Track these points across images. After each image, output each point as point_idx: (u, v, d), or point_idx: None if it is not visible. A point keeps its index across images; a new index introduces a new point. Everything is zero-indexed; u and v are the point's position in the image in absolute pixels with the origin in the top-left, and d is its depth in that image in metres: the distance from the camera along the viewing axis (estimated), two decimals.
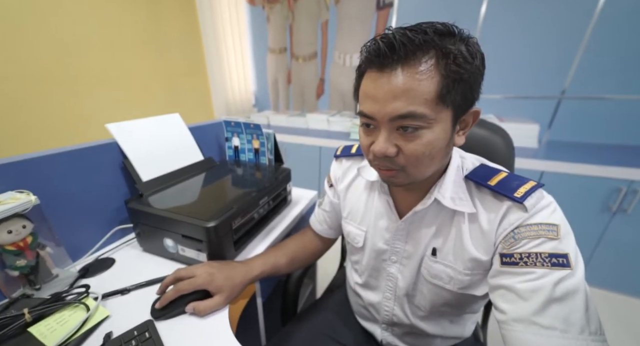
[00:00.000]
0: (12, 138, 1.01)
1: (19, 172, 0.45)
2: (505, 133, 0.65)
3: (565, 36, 1.38)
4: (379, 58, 0.31)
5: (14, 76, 1.01)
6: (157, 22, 1.57)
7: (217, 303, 0.44)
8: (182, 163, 0.70)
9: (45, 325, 0.40)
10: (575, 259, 0.32)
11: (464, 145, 0.62)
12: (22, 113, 1.04)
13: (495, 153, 0.64)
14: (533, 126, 1.45)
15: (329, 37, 2.04)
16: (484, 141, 0.64)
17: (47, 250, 0.48)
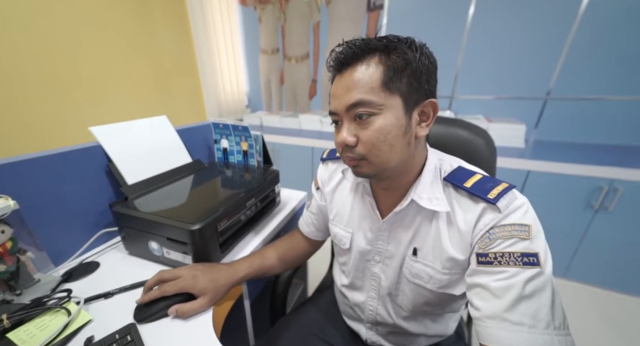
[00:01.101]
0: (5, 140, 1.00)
1: (3, 176, 0.45)
2: (486, 134, 0.66)
3: (550, 37, 1.42)
4: (338, 65, 0.38)
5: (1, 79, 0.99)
6: (146, 23, 1.56)
7: (201, 305, 0.44)
8: (170, 165, 0.70)
9: (24, 330, 0.40)
10: (544, 257, 0.33)
11: (448, 146, 0.64)
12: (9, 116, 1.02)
13: (478, 155, 0.65)
14: (520, 126, 1.48)
15: (321, 38, 2.05)
16: (466, 143, 0.66)
17: (28, 254, 0.48)
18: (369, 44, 0.36)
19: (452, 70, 1.70)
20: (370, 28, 1.86)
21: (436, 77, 0.39)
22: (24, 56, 1.05)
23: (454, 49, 1.64)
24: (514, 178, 1.33)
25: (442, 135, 0.68)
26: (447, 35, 1.63)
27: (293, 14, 2.08)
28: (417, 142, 0.40)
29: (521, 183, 1.34)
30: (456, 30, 1.60)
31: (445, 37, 1.64)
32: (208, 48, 2.00)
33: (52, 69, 1.14)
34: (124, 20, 1.42)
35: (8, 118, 1.01)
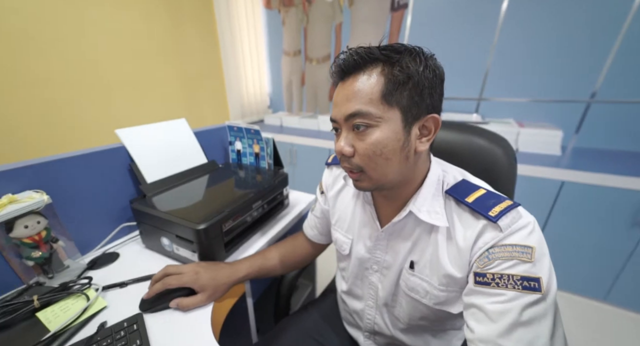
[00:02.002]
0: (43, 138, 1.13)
1: (36, 174, 0.51)
2: (506, 143, 0.62)
3: (597, 35, 1.28)
4: (340, 73, 0.38)
5: (48, 82, 1.12)
6: (177, 30, 1.67)
7: (200, 300, 0.47)
8: (186, 166, 0.75)
9: (51, 311, 0.45)
10: (547, 283, 0.31)
11: (463, 155, 0.60)
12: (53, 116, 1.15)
13: (496, 165, 0.61)
14: (556, 132, 1.35)
15: (343, 39, 2.05)
16: (483, 151, 0.62)
17: (59, 243, 0.54)
18: (372, 54, 0.35)
19: (480, 71, 1.60)
20: (393, 28, 1.82)
21: (441, 91, 0.37)
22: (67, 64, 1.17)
23: (484, 47, 1.54)
24: (546, 188, 1.22)
25: (456, 142, 0.64)
26: (476, 32, 1.54)
27: (315, 15, 2.09)
28: (417, 156, 0.39)
29: (554, 195, 1.23)
30: (487, 27, 1.50)
31: (474, 35, 1.55)
32: (233, 51, 2.09)
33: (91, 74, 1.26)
34: (158, 30, 1.53)
35: (49, 119, 1.14)
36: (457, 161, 0.60)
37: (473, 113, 1.71)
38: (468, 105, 1.71)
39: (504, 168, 0.61)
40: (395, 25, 1.81)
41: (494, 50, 1.52)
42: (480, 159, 0.61)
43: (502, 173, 0.61)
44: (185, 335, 0.43)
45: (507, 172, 0.61)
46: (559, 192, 1.21)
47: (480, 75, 1.61)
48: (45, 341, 0.41)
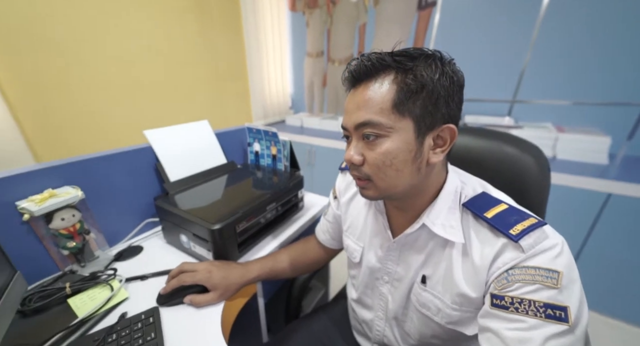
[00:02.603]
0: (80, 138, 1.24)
1: (72, 171, 0.56)
2: (538, 151, 0.57)
3: None
4: (351, 79, 0.37)
5: (86, 85, 1.23)
6: (206, 35, 1.74)
7: (212, 298, 0.49)
8: (206, 165, 0.78)
9: (80, 298, 0.49)
10: (576, 314, 0.27)
11: (489, 163, 0.56)
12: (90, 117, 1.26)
13: (525, 175, 0.56)
14: (602, 139, 1.22)
15: (366, 40, 2.01)
16: (512, 160, 0.57)
17: (91, 235, 0.59)
18: (384, 61, 0.33)
19: (515, 70, 1.49)
20: (420, 28, 1.75)
21: (460, 98, 0.35)
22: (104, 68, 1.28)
23: (521, 44, 1.43)
24: (588, 201, 1.11)
25: (482, 150, 0.60)
26: (512, 29, 1.43)
27: (339, 16, 2.08)
28: (431, 167, 0.37)
29: (597, 209, 1.10)
30: (525, 22, 1.39)
31: (510, 31, 1.44)
32: (258, 53, 2.14)
33: (125, 78, 1.36)
34: (187, 33, 1.61)
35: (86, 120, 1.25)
36: (483, 170, 0.56)
37: (505, 116, 1.59)
38: (500, 107, 1.60)
39: (535, 179, 0.56)
40: (422, 24, 1.75)
41: (532, 47, 1.41)
42: (508, 168, 0.57)
43: (532, 184, 0.56)
44: (196, 331, 0.45)
45: (539, 183, 0.56)
46: (604, 205, 1.09)
47: (515, 75, 1.50)
48: (73, 327, 0.44)
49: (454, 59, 0.35)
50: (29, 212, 0.49)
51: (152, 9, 1.40)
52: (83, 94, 1.22)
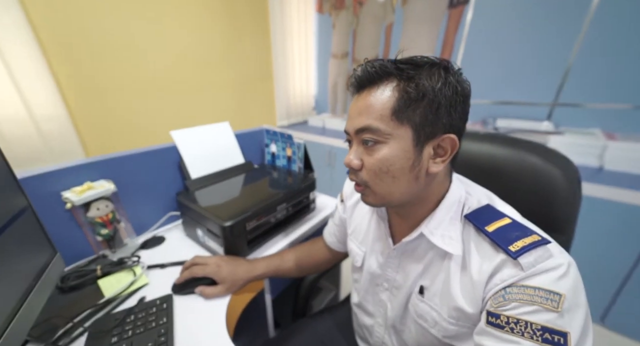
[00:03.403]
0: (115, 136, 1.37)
1: (107, 166, 0.63)
2: (567, 163, 0.52)
3: None
4: (356, 85, 0.37)
5: (128, 88, 1.36)
6: (235, 39, 1.83)
7: (219, 291, 0.52)
8: (225, 165, 0.82)
9: (108, 280, 0.55)
10: (577, 342, 0.25)
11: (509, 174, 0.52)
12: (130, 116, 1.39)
13: (551, 188, 0.52)
14: None
15: (392, 40, 1.97)
16: (534, 171, 0.53)
17: (121, 224, 0.65)
18: (386, 68, 0.33)
19: (557, 70, 1.36)
20: (450, 27, 1.68)
21: (464, 109, 0.34)
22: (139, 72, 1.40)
23: (566, 42, 1.30)
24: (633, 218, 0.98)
25: (502, 158, 0.56)
26: (556, 25, 1.31)
27: (366, 17, 2.06)
28: (431, 176, 0.36)
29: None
30: (572, 17, 1.26)
31: (553, 28, 1.32)
32: (283, 55, 2.20)
33: (159, 80, 1.48)
34: (217, 38, 1.71)
35: (125, 119, 1.37)
36: (502, 181, 0.53)
37: (544, 120, 1.46)
38: (538, 111, 1.47)
39: (561, 193, 0.51)
40: (453, 23, 1.67)
41: (579, 44, 1.27)
42: (531, 180, 0.53)
43: (559, 199, 0.51)
44: (203, 320, 0.48)
45: (566, 197, 0.51)
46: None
47: (557, 76, 1.37)
48: (100, 305, 0.50)
49: (460, 68, 0.34)
50: (71, 201, 0.56)
51: (187, 16, 1.51)
52: (125, 96, 1.36)
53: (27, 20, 1.05)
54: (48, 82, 1.13)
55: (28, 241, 0.42)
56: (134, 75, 1.37)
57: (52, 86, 1.15)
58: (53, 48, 1.13)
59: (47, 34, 1.11)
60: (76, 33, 1.17)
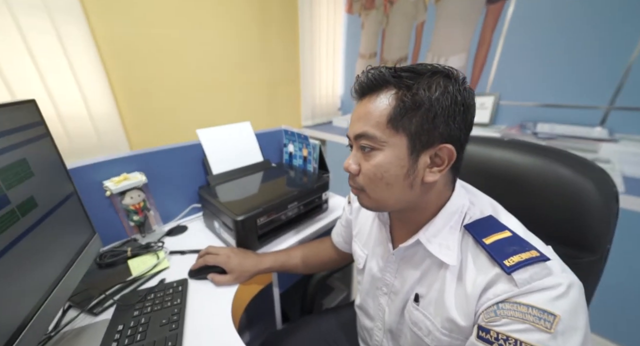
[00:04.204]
0: (164, 130, 1.51)
1: (141, 160, 0.71)
2: (603, 176, 0.47)
3: None
4: (359, 91, 0.38)
5: (168, 88, 1.49)
6: (265, 41, 1.91)
7: (228, 280, 0.56)
8: (245, 162, 0.87)
9: (136, 261, 0.62)
10: None
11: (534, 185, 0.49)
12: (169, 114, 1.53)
13: (581, 202, 0.47)
14: None
15: (423, 39, 1.90)
16: (563, 183, 0.48)
17: (150, 212, 0.73)
18: (384, 77, 0.34)
19: (614, 71, 1.21)
20: (487, 24, 1.57)
21: (463, 119, 0.33)
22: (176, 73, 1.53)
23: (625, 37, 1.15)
24: None
25: (527, 168, 0.52)
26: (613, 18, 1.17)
27: (396, 16, 2.01)
28: (428, 185, 0.36)
29: None
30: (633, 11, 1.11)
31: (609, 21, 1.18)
32: (311, 55, 2.24)
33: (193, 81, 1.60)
34: (247, 41, 1.79)
35: (164, 116, 1.51)
36: (524, 192, 0.50)
37: (596, 126, 1.31)
38: (590, 115, 1.32)
39: (594, 209, 0.47)
40: (491, 20, 1.56)
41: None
42: (557, 193, 0.49)
43: (590, 215, 0.47)
44: (211, 304, 0.53)
45: (600, 214, 0.47)
46: None
47: (615, 76, 1.21)
48: (127, 282, 0.57)
49: (465, 77, 0.33)
50: (110, 189, 0.64)
51: (223, 20, 1.62)
52: (165, 97, 1.49)
53: (90, 32, 1.21)
54: (103, 84, 1.29)
55: (72, 222, 0.49)
56: (174, 78, 1.50)
57: (107, 88, 1.31)
58: (108, 54, 1.29)
59: (105, 43, 1.27)
60: (128, 41, 1.32)
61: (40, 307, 0.37)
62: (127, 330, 0.46)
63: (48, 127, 0.46)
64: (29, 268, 0.37)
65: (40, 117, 0.45)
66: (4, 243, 0.33)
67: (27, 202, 0.38)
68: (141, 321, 0.48)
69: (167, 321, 0.48)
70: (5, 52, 1.01)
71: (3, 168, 0.35)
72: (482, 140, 0.61)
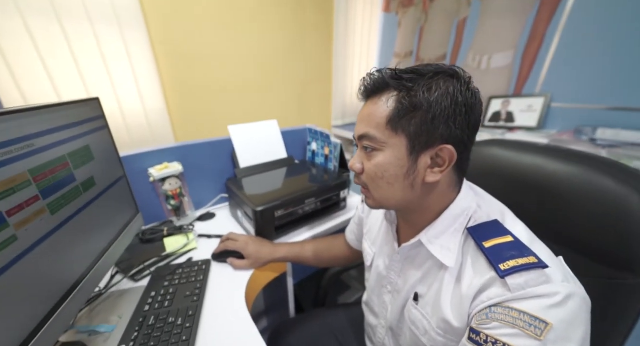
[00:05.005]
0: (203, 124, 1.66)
1: (179, 152, 0.80)
2: None
3: None
4: (363, 94, 0.39)
5: (208, 87, 1.63)
6: (300, 42, 1.97)
7: (245, 264, 0.61)
8: (270, 158, 0.93)
9: (170, 240, 0.71)
10: None
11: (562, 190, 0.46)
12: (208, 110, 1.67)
13: (626, 219, 0.42)
14: None
15: (465, 35, 1.79)
16: (604, 196, 0.44)
17: (185, 199, 0.82)
18: (383, 80, 0.35)
19: None
20: (541, 17, 1.43)
21: (464, 120, 0.33)
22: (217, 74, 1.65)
23: None
24: None
25: (560, 176, 0.48)
26: None
27: (436, 13, 1.93)
28: (430, 186, 0.36)
29: None
30: None
31: None
32: (345, 55, 2.25)
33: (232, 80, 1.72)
34: (284, 42, 1.87)
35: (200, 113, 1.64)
36: (555, 201, 0.46)
37: None
38: None
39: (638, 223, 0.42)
40: (545, 13, 1.42)
41: None
42: (596, 205, 0.45)
43: (635, 231, 0.42)
44: (228, 285, 0.58)
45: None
46: None
47: None
48: (162, 257, 0.65)
49: (470, 77, 0.33)
50: (153, 176, 0.74)
51: (260, 22, 1.71)
52: (207, 95, 1.64)
53: (148, 37, 1.39)
54: (156, 84, 1.47)
55: (121, 201, 0.58)
56: (215, 77, 1.64)
57: (159, 87, 1.48)
58: (162, 58, 1.46)
59: (159, 46, 1.44)
60: (178, 46, 1.48)
61: (93, 267, 0.45)
62: (158, 297, 0.54)
63: (111, 121, 0.55)
64: (87, 235, 0.45)
65: (102, 112, 0.54)
66: (70, 212, 0.42)
67: (88, 180, 0.47)
68: (169, 291, 0.55)
69: (191, 293, 0.54)
70: (84, 56, 1.21)
71: (72, 152, 0.44)
72: (512, 144, 0.57)
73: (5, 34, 0.97)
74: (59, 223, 0.39)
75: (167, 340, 0.44)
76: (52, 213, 0.37)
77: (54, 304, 0.37)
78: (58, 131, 0.41)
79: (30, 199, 0.34)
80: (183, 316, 0.49)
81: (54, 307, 0.36)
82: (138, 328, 0.47)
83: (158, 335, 0.45)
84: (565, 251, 0.44)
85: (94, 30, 1.21)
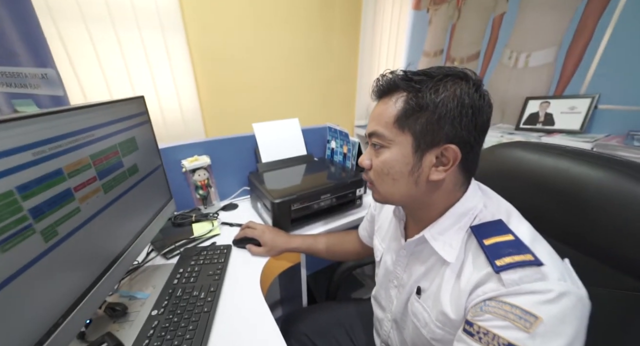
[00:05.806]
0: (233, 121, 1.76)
1: (208, 146, 0.88)
2: None
3: None
4: (375, 94, 0.41)
5: (239, 87, 1.73)
6: (326, 42, 2.00)
7: (261, 251, 0.66)
8: (290, 154, 0.97)
9: (198, 225, 0.79)
10: None
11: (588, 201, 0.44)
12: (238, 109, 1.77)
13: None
14: None
15: (501, 32, 1.69)
16: (622, 195, 0.42)
17: (212, 189, 0.90)
18: (393, 82, 0.37)
19: None
20: (589, 11, 1.31)
21: (470, 121, 0.34)
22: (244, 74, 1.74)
23: None
24: None
25: (587, 182, 0.46)
26: None
27: (470, 9, 1.84)
28: (434, 184, 0.37)
29: None
30: None
31: None
32: (371, 54, 2.23)
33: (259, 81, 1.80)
34: (310, 42, 1.91)
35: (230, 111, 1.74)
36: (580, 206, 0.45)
37: None
38: None
39: None
40: (596, 6, 1.29)
41: None
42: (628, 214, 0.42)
43: None
44: (245, 268, 0.64)
45: None
46: None
47: None
48: (190, 239, 0.73)
49: (480, 80, 0.34)
50: (185, 167, 0.82)
51: (290, 23, 1.78)
52: (237, 94, 1.74)
53: (186, 40, 1.51)
54: (191, 83, 1.60)
55: (158, 187, 0.66)
56: (245, 78, 1.74)
57: (194, 87, 1.61)
58: (197, 58, 1.58)
59: (195, 49, 1.56)
60: (212, 48, 1.59)
61: (133, 242, 0.53)
62: (185, 274, 0.60)
63: (151, 116, 0.63)
64: (129, 214, 0.53)
65: (145, 108, 0.62)
66: (118, 193, 0.49)
67: (133, 167, 0.54)
68: (195, 269, 0.62)
69: (213, 273, 0.60)
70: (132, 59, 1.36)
71: (122, 142, 0.51)
72: (534, 146, 0.56)
73: (71, 41, 1.12)
74: (110, 201, 0.46)
75: (191, 310, 0.50)
76: (105, 192, 0.45)
77: (103, 269, 0.44)
78: (112, 124, 0.48)
79: (90, 179, 0.41)
80: (205, 291, 0.55)
81: (103, 271, 0.44)
82: (168, 297, 0.53)
83: (184, 305, 0.52)
84: (590, 260, 0.43)
85: (141, 35, 1.35)
